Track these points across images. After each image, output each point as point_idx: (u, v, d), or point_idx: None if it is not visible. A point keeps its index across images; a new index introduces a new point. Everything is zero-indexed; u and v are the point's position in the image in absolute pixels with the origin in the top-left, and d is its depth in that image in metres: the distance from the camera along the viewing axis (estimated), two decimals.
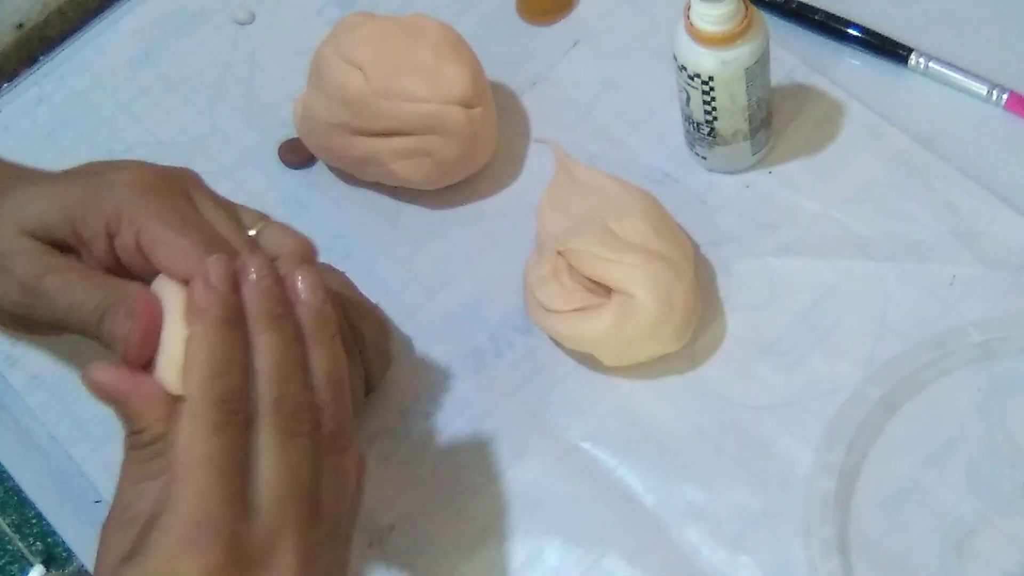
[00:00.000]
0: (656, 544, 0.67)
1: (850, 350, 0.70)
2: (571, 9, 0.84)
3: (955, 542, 0.64)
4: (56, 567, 0.71)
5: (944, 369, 0.68)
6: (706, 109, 0.71)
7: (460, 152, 0.75)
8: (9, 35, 0.90)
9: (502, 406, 0.71)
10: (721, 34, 0.67)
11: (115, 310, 0.56)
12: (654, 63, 0.80)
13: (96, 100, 0.85)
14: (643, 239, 0.69)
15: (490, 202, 0.78)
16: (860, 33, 0.78)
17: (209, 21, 0.87)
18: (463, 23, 0.78)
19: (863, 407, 0.67)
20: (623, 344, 0.68)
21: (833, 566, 0.63)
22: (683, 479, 0.68)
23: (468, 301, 0.75)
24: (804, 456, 0.67)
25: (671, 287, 0.68)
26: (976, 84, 0.76)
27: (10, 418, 0.75)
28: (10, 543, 0.72)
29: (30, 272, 0.59)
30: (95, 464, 0.73)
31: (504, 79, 0.81)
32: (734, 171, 0.76)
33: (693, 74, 0.69)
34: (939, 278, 0.71)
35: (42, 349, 0.76)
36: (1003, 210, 0.72)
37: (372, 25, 0.75)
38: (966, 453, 0.66)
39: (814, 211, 0.74)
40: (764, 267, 0.73)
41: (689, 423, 0.69)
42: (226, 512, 0.51)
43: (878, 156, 0.75)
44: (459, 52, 0.75)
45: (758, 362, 0.70)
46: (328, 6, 0.87)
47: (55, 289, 0.58)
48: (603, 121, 0.79)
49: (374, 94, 0.73)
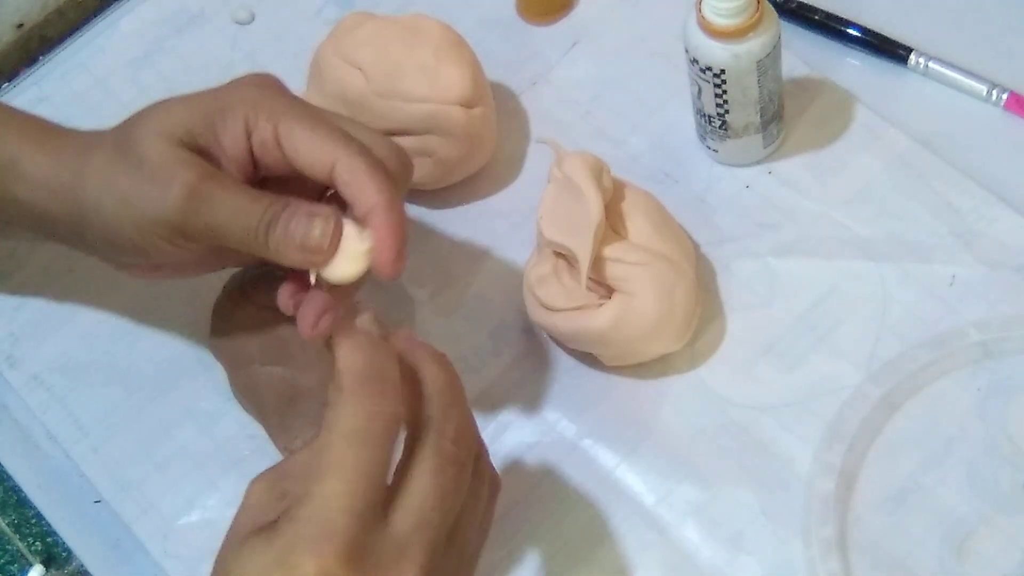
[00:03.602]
0: (656, 544, 0.67)
1: (850, 350, 0.70)
2: (571, 9, 0.84)
3: (955, 542, 0.64)
4: (56, 567, 0.71)
5: (944, 369, 0.68)
6: (717, 102, 0.71)
7: (460, 152, 0.75)
8: (9, 35, 0.90)
9: (503, 405, 0.71)
10: (733, 27, 0.67)
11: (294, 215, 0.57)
12: (654, 63, 0.80)
13: (96, 100, 0.85)
14: (644, 239, 0.69)
15: (490, 202, 0.78)
16: (860, 33, 0.78)
17: (209, 21, 0.87)
18: (463, 23, 0.78)
19: (863, 407, 0.67)
20: (623, 343, 0.68)
21: (833, 566, 0.63)
22: (683, 479, 0.68)
23: (468, 301, 0.75)
24: (804, 456, 0.67)
25: (672, 287, 0.68)
26: (976, 84, 0.76)
27: (10, 418, 0.75)
28: (10, 543, 0.72)
29: (191, 179, 0.57)
30: (95, 464, 0.73)
31: (504, 79, 0.81)
32: (746, 164, 0.76)
33: (705, 67, 0.69)
34: (939, 278, 0.71)
35: (42, 349, 0.77)
36: (1003, 210, 0.72)
37: (372, 25, 0.75)
38: (966, 453, 0.66)
39: (814, 211, 0.74)
40: (764, 267, 0.73)
41: (689, 423, 0.69)
42: (360, 521, 0.50)
43: (878, 156, 0.75)
44: (459, 52, 0.75)
45: (758, 362, 0.70)
46: (328, 6, 0.87)
47: (219, 196, 0.58)
48: (603, 121, 0.79)
49: (374, 94, 0.73)
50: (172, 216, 0.58)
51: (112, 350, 0.76)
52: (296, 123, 0.58)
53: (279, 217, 0.57)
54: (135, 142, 0.59)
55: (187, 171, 0.58)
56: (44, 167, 0.62)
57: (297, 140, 0.58)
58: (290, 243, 0.57)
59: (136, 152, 0.58)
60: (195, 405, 0.74)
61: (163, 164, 0.58)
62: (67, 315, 0.77)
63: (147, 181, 0.58)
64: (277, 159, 0.59)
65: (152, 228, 0.58)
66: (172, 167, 0.58)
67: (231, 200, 0.58)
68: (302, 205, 0.58)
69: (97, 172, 0.60)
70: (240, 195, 0.58)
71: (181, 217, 0.58)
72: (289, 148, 0.58)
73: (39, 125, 0.65)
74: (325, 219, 0.57)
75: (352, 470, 0.51)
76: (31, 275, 0.79)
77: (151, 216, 0.58)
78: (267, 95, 0.60)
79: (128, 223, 0.59)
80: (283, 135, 0.58)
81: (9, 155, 0.62)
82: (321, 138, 0.58)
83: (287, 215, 0.57)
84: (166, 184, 0.57)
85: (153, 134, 0.58)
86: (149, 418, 0.74)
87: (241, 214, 0.57)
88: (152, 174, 0.58)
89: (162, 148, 0.58)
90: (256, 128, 0.59)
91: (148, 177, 0.58)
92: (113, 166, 0.59)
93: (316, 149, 0.58)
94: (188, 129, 0.59)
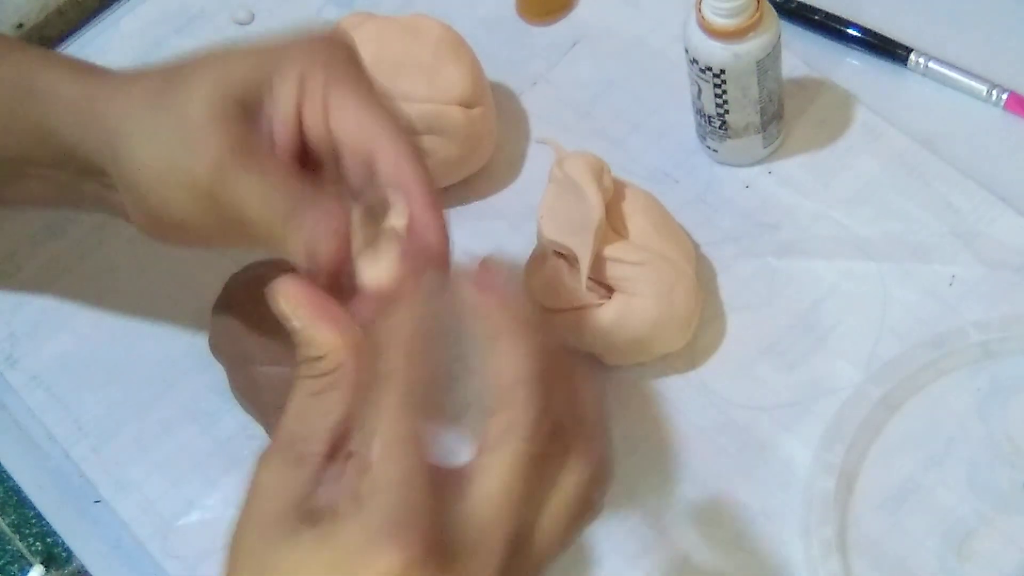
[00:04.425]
0: (656, 544, 0.67)
1: (850, 350, 0.70)
2: (571, 9, 0.84)
3: (955, 542, 0.64)
4: (56, 567, 0.71)
5: (944, 369, 0.68)
6: (717, 102, 0.71)
7: (460, 152, 0.75)
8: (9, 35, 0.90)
9: None
10: (733, 27, 0.67)
11: (315, 218, 0.52)
12: (654, 63, 0.80)
13: None
14: (644, 239, 0.69)
15: (490, 202, 0.78)
16: (860, 33, 0.78)
17: (209, 21, 0.87)
18: (463, 23, 0.78)
19: (863, 407, 0.67)
20: (623, 343, 0.68)
21: (833, 566, 0.63)
22: (683, 479, 0.68)
23: None
24: (804, 456, 0.67)
25: (672, 287, 0.68)
26: (976, 84, 0.76)
27: (10, 418, 0.75)
28: (10, 543, 0.72)
29: (221, 150, 0.53)
30: (95, 464, 0.73)
31: (504, 79, 0.81)
32: (745, 164, 0.76)
33: (704, 67, 0.69)
34: (939, 278, 0.71)
35: (42, 349, 0.77)
36: (1003, 210, 0.72)
37: (372, 25, 0.75)
38: (966, 453, 0.66)
39: (814, 211, 0.74)
40: (764, 267, 0.73)
41: (689, 423, 0.69)
42: (430, 500, 0.44)
43: (878, 156, 0.75)
44: (459, 52, 0.75)
45: (758, 362, 0.70)
46: (328, 6, 0.87)
47: (244, 176, 0.53)
48: (603, 121, 0.79)
49: None
50: (200, 181, 0.54)
51: (112, 350, 0.76)
52: (350, 93, 0.54)
53: (303, 217, 0.53)
54: (181, 92, 0.55)
55: (220, 139, 0.53)
56: (79, 98, 0.58)
57: (345, 110, 0.54)
58: (301, 247, 0.53)
59: (179, 104, 0.55)
60: (195, 405, 0.74)
61: (202, 126, 0.54)
62: (67, 315, 0.77)
63: (183, 141, 0.54)
64: (321, 133, 0.55)
65: (179, 188, 0.55)
66: (209, 132, 0.54)
67: (256, 183, 0.53)
68: (326, 209, 0.53)
69: (135, 113, 0.56)
70: (267, 179, 0.53)
71: (208, 184, 0.54)
72: (335, 118, 0.54)
73: (75, 60, 0.61)
74: (335, 234, 0.52)
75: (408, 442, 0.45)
76: (31, 275, 0.79)
77: (180, 177, 0.54)
78: (333, 59, 0.55)
79: (156, 177, 0.55)
80: (333, 105, 0.54)
81: (42, 83, 0.59)
82: (371, 116, 0.54)
83: (312, 216, 0.52)
84: (199, 149, 0.54)
85: (201, 89, 0.54)
86: (149, 418, 0.74)
87: (269, 199, 0.53)
88: (189, 134, 0.54)
89: (204, 108, 0.54)
90: (307, 93, 0.54)
91: (185, 136, 0.54)
92: (154, 113, 0.55)
93: (354, 130, 0.54)
94: (241, 86, 0.55)
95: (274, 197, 0.53)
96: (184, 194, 0.55)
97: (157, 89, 0.56)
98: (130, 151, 0.56)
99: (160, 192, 0.56)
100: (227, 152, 0.54)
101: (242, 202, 0.54)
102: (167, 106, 0.55)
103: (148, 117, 0.55)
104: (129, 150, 0.56)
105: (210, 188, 0.54)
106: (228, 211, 0.54)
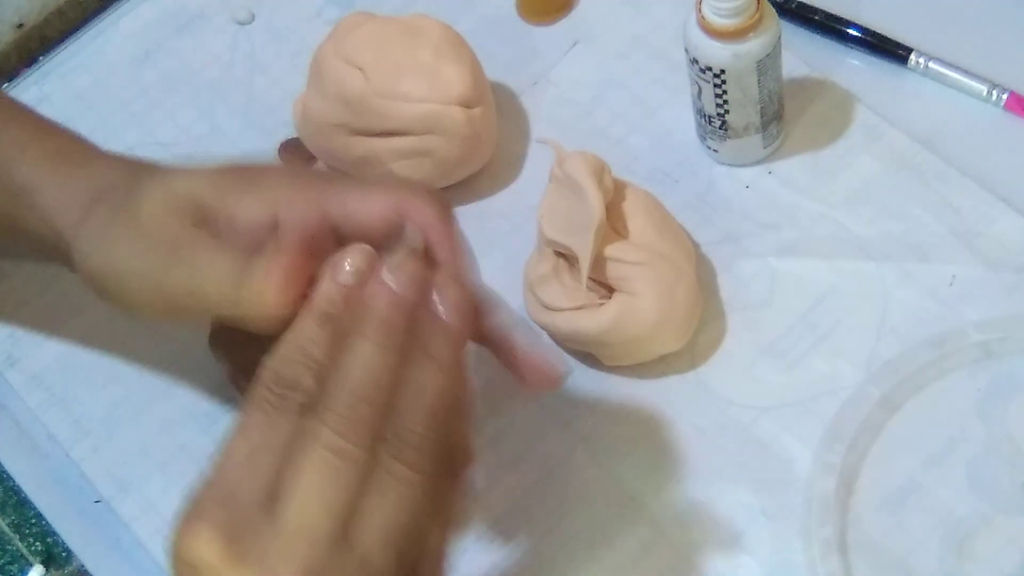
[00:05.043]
0: (656, 544, 0.67)
1: (850, 350, 0.70)
2: (571, 9, 0.84)
3: (955, 542, 0.64)
4: (56, 567, 0.71)
5: (944, 369, 0.68)
6: (718, 102, 0.71)
7: (460, 152, 0.75)
8: (9, 35, 0.90)
9: (502, 405, 0.71)
10: (733, 27, 0.67)
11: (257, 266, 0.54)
12: (654, 63, 0.80)
13: (96, 100, 0.85)
14: (644, 239, 0.69)
15: (490, 202, 0.78)
16: (860, 33, 0.78)
17: (209, 21, 0.87)
18: (463, 23, 0.78)
19: (863, 407, 0.67)
20: (623, 343, 0.68)
21: (833, 566, 0.63)
22: (683, 479, 0.68)
23: None
24: (804, 456, 0.67)
25: (672, 287, 0.68)
26: (976, 84, 0.76)
27: (10, 418, 0.75)
28: (10, 543, 0.72)
29: (176, 234, 0.56)
30: (95, 464, 0.73)
31: (504, 79, 0.81)
32: (746, 164, 0.76)
33: (705, 67, 0.69)
34: (939, 278, 0.71)
35: (42, 349, 0.77)
36: (1003, 210, 0.72)
37: (372, 25, 0.75)
38: (966, 453, 0.66)
39: (814, 211, 0.74)
40: (764, 267, 0.73)
41: (689, 423, 0.69)
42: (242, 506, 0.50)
43: (878, 156, 0.75)
44: (459, 52, 0.75)
45: (758, 362, 0.70)
46: (328, 6, 0.87)
47: (202, 255, 0.56)
48: (603, 121, 0.79)
49: (374, 94, 0.73)
50: (148, 270, 0.57)
51: (112, 350, 0.76)
52: (343, 188, 0.57)
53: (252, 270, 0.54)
54: (138, 199, 0.58)
55: (175, 228, 0.57)
56: (55, 202, 0.62)
57: (351, 202, 0.56)
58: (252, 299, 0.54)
59: (133, 209, 0.58)
60: (195, 405, 0.74)
61: (154, 216, 0.57)
62: (67, 315, 0.77)
63: (138, 238, 0.57)
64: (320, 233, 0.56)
65: (131, 279, 0.58)
66: (163, 222, 0.57)
67: (217, 257, 0.55)
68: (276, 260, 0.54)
69: (95, 225, 0.59)
70: (229, 253, 0.55)
71: (160, 273, 0.57)
72: (340, 215, 0.56)
73: (57, 147, 0.65)
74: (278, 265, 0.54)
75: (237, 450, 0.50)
76: (31, 275, 0.79)
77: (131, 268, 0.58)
78: (301, 181, 0.58)
79: (113, 277, 0.59)
80: (334, 206, 0.56)
81: (22, 181, 0.63)
82: (375, 191, 0.57)
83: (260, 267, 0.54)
84: (147, 239, 0.57)
85: (159, 192, 0.58)
86: (149, 418, 0.74)
87: (217, 272, 0.55)
88: (143, 231, 0.57)
89: (163, 201, 0.57)
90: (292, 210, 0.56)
91: (139, 234, 0.57)
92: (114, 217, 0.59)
93: (372, 201, 0.56)
94: (196, 197, 0.57)
95: (228, 266, 0.55)
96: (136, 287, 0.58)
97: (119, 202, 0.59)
98: (86, 260, 0.60)
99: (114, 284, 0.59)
100: (176, 236, 0.57)
101: (193, 272, 0.56)
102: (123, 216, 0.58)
103: (105, 227, 0.59)
104: (85, 260, 0.60)
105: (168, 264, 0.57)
106: (179, 287, 0.57)
